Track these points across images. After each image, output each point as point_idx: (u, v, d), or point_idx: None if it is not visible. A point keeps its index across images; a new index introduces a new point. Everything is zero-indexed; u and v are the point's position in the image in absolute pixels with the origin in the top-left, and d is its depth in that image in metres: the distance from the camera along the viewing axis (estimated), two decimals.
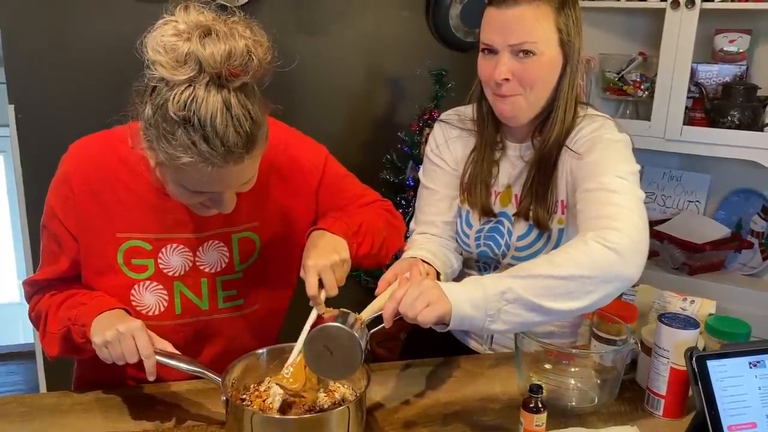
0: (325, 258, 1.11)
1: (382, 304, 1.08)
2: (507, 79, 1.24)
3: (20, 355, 3.14)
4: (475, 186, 1.38)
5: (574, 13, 1.26)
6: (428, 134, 1.60)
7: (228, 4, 2.09)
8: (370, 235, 1.26)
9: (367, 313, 1.07)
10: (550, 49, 1.23)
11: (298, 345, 1.08)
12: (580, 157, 1.25)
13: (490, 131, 1.37)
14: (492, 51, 1.25)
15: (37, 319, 1.23)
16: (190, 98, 0.93)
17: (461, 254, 1.44)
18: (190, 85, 0.93)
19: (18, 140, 2.10)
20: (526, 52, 1.22)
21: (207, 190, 1.04)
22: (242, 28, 0.97)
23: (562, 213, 1.32)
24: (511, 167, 1.37)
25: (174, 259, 1.20)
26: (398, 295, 1.03)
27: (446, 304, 1.01)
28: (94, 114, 1.34)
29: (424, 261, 1.30)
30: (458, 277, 1.45)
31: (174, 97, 0.93)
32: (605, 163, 1.20)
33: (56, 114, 2.11)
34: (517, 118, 1.30)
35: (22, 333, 3.10)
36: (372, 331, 1.04)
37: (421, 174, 1.47)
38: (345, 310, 1.05)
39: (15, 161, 2.12)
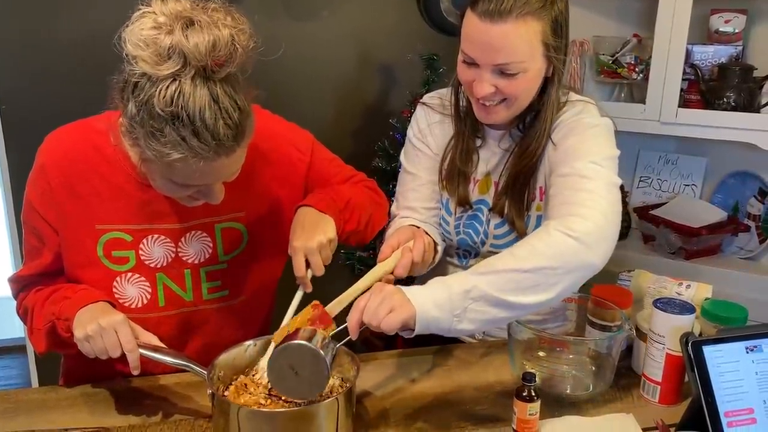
0: (312, 239, 1.10)
1: (351, 295, 1.07)
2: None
3: (14, 350, 3.13)
4: (454, 176, 1.35)
5: (563, 23, 1.19)
6: None
7: None
8: (357, 211, 1.25)
9: (336, 306, 1.06)
10: (536, 63, 1.18)
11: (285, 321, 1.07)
12: (558, 143, 1.23)
13: (470, 122, 1.34)
14: (473, 63, 1.19)
15: (24, 315, 1.22)
16: (177, 93, 0.91)
17: (444, 241, 1.43)
18: (175, 80, 0.91)
19: (2, 132, 2.08)
20: (511, 71, 1.16)
21: (197, 183, 1.03)
22: (223, 15, 0.94)
23: (541, 200, 1.30)
24: (491, 155, 1.35)
25: (156, 250, 1.18)
26: (361, 305, 1.00)
27: (410, 308, 0.99)
28: (80, 104, 1.31)
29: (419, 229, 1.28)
30: (439, 265, 1.45)
31: (159, 93, 0.91)
32: (581, 149, 1.18)
33: (41, 104, 2.08)
34: (497, 122, 1.28)
35: (17, 327, 3.09)
36: (339, 345, 1.01)
37: (402, 158, 1.44)
38: (310, 327, 1.01)
39: (0, 153, 2.09)
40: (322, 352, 0.96)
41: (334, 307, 1.06)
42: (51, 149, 1.16)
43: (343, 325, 1.01)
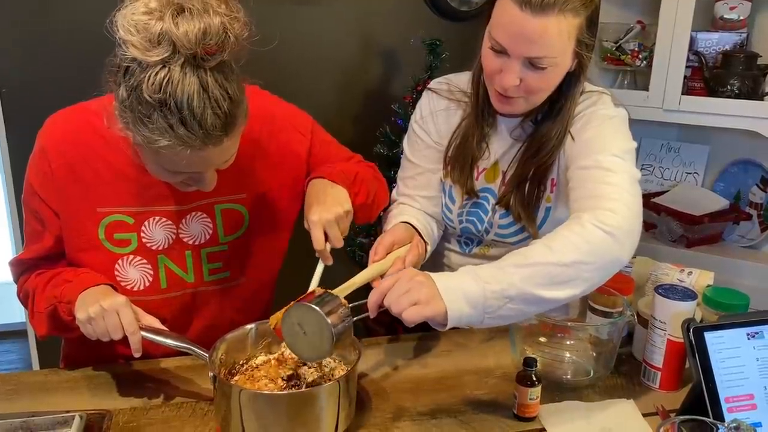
0: (330, 212, 1.10)
1: (364, 278, 1.08)
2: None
3: (15, 334, 3.13)
4: (459, 163, 1.34)
5: (596, 19, 1.17)
6: None
7: None
8: (365, 185, 1.25)
9: (347, 288, 1.05)
10: (566, 59, 1.16)
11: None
12: (576, 134, 1.22)
13: (484, 110, 1.31)
14: (503, 52, 1.15)
15: (25, 298, 1.21)
16: (165, 80, 0.90)
17: (444, 228, 1.43)
18: (164, 66, 0.90)
19: (3, 115, 2.06)
20: (542, 65, 1.14)
21: (187, 171, 1.02)
22: (216, 2, 0.92)
23: (551, 192, 1.29)
24: (500, 144, 1.33)
25: (157, 232, 1.18)
26: (384, 287, 0.99)
27: (439, 305, 0.96)
28: (81, 88, 1.30)
29: (416, 230, 1.29)
30: (439, 253, 1.46)
31: (148, 79, 0.90)
32: (600, 141, 1.17)
33: (41, 88, 2.07)
34: (514, 113, 1.27)
35: (18, 311, 3.09)
36: (356, 319, 1.00)
37: (405, 143, 1.43)
38: (332, 292, 1.01)
39: (0, 136, 2.08)
40: (329, 320, 0.95)
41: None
42: (51, 132, 1.15)
43: (363, 301, 1.01)
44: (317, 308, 0.96)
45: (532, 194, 1.29)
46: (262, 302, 1.34)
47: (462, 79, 1.36)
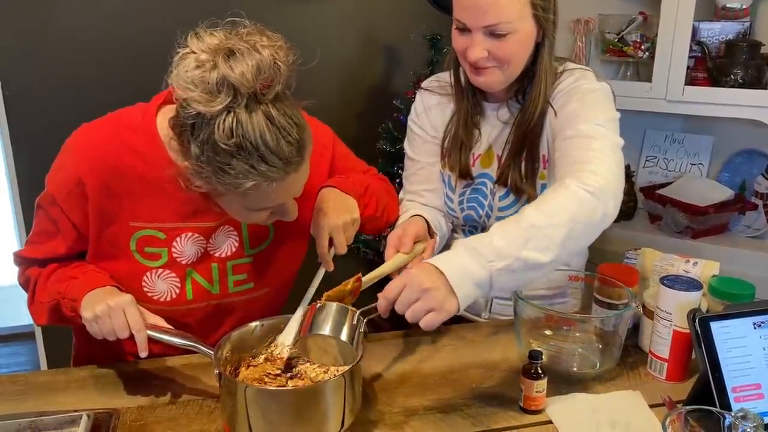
0: (337, 218, 1.12)
1: (387, 270, 1.13)
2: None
3: (24, 336, 3.15)
4: (455, 150, 1.38)
5: None
6: None
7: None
8: (375, 197, 1.28)
9: (376, 277, 1.09)
10: (525, 24, 1.21)
11: (302, 306, 1.11)
12: (559, 109, 1.25)
13: (468, 96, 1.36)
14: (465, 29, 1.22)
15: (26, 284, 1.22)
16: (234, 124, 0.92)
17: (451, 222, 1.46)
18: (229, 112, 0.92)
19: (6, 117, 2.07)
20: (501, 32, 1.19)
21: (272, 204, 1.04)
22: (258, 37, 0.95)
23: (544, 168, 1.32)
24: (491, 128, 1.37)
25: (188, 247, 1.18)
26: (390, 296, 0.98)
27: (452, 304, 0.96)
28: (83, 89, 1.31)
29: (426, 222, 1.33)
30: (446, 246, 1.46)
31: (218, 128, 0.92)
32: (583, 112, 1.21)
33: (44, 90, 2.07)
34: (494, 88, 1.30)
35: (25, 314, 3.10)
36: (366, 319, 1.02)
37: (405, 143, 1.49)
38: (342, 305, 1.02)
39: (5, 139, 2.09)
40: (344, 337, 0.98)
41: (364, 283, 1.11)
42: (83, 150, 1.11)
43: (373, 305, 1.02)
44: (330, 335, 0.98)
45: (528, 168, 1.32)
46: (280, 305, 1.36)
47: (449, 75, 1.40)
